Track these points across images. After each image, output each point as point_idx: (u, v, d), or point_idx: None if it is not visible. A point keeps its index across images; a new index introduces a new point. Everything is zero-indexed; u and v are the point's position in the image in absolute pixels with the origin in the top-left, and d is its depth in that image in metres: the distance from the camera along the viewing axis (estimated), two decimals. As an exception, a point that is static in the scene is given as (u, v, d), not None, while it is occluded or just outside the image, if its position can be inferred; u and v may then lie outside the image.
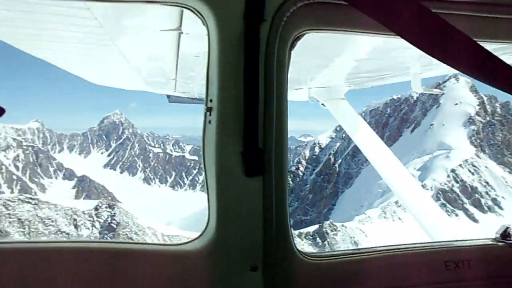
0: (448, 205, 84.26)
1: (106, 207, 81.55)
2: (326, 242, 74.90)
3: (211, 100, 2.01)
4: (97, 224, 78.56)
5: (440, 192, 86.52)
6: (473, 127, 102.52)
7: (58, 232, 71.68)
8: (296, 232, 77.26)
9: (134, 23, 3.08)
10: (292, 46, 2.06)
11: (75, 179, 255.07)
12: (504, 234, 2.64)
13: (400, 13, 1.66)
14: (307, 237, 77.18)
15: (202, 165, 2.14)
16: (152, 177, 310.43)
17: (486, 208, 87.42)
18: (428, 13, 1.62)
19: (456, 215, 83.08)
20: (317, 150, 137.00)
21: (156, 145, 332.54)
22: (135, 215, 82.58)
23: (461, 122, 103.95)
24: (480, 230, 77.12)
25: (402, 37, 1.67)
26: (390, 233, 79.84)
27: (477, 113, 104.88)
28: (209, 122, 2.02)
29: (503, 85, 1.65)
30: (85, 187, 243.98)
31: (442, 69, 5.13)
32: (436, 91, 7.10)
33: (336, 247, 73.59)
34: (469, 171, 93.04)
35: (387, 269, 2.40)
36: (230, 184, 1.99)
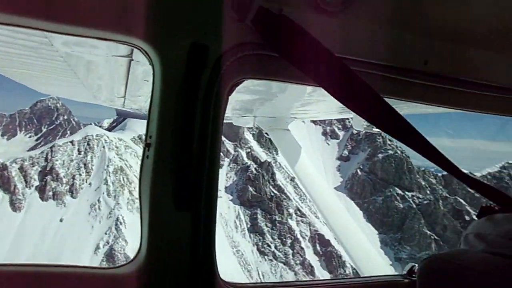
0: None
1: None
2: None
3: (150, 137, 2.09)
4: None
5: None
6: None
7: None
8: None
9: (85, 45, 3.00)
10: (230, 91, 2.18)
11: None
12: (410, 271, 3.01)
13: (323, 69, 1.96)
14: None
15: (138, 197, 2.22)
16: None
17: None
18: (346, 69, 1.96)
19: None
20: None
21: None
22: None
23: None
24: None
25: (324, 88, 1.98)
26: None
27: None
28: (147, 157, 2.10)
29: (401, 137, 2.02)
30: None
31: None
32: (377, 130, 7.09)
33: None
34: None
35: None
36: (162, 216, 2.08)
